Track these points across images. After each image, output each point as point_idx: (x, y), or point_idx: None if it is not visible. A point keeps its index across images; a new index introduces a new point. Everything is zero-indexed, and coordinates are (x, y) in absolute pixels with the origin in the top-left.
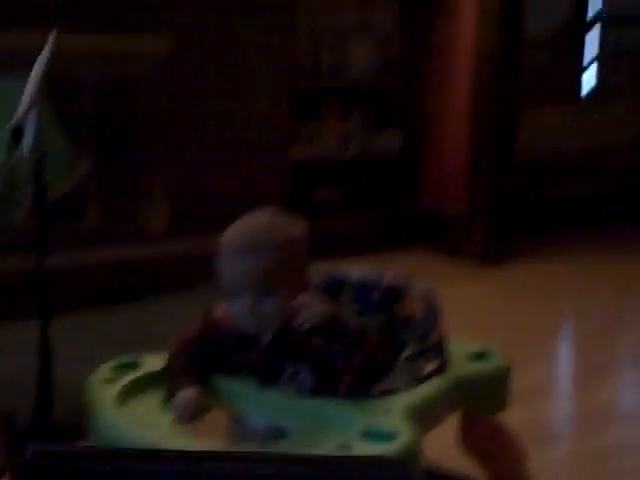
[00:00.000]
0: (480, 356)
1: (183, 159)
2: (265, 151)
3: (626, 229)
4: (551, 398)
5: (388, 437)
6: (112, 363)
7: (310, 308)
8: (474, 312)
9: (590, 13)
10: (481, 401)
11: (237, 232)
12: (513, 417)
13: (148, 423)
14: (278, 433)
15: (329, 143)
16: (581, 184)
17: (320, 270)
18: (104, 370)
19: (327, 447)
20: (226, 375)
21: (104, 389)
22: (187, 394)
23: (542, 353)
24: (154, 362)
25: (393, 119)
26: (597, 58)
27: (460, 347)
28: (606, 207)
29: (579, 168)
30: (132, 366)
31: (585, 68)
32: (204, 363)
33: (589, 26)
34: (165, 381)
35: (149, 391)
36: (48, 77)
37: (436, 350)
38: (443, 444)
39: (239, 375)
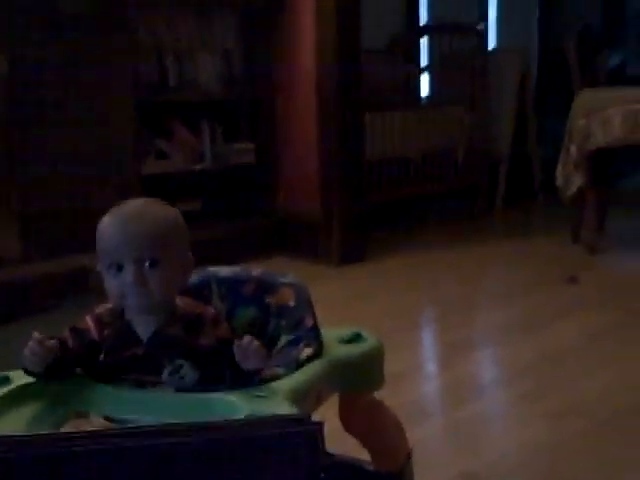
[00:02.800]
0: (353, 339)
1: (32, 178)
2: (116, 167)
3: (463, 223)
4: (418, 378)
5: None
6: None
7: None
8: (337, 308)
9: (421, 22)
10: (358, 380)
11: (121, 207)
12: (385, 399)
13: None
14: None
15: (181, 157)
16: (423, 184)
17: None
18: None
19: None
20: (100, 377)
21: None
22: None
23: (404, 339)
24: (25, 377)
25: (243, 131)
26: (429, 65)
27: (332, 333)
28: (444, 204)
29: (422, 169)
30: (1, 382)
31: (420, 74)
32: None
33: (420, 35)
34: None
35: (23, 405)
36: None
37: (311, 336)
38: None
39: (118, 374)
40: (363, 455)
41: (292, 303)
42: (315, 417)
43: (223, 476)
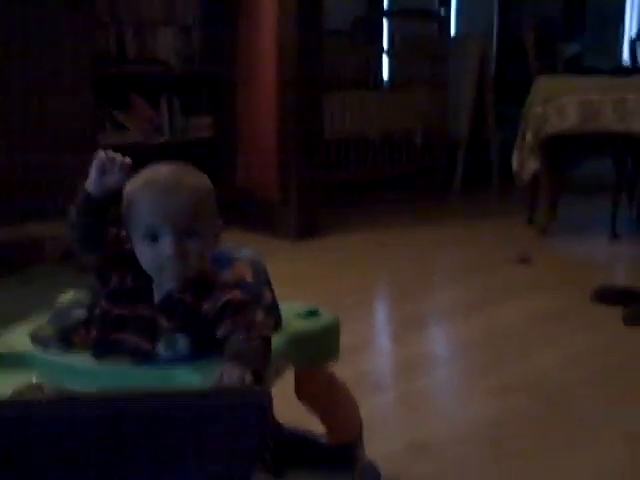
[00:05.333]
0: (310, 314)
1: None
2: (73, 138)
3: (420, 204)
4: (371, 352)
5: None
6: None
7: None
8: (293, 284)
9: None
10: (315, 354)
11: (153, 174)
12: (340, 371)
13: None
14: None
15: (140, 130)
16: (383, 164)
17: None
18: None
19: None
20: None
21: None
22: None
23: (359, 314)
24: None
25: (203, 106)
26: (390, 48)
27: (289, 308)
28: (403, 184)
29: (380, 149)
30: None
31: (382, 57)
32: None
33: (382, 18)
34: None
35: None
36: None
37: (270, 310)
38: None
39: (117, 329)
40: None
41: (249, 278)
42: (273, 390)
43: (171, 444)
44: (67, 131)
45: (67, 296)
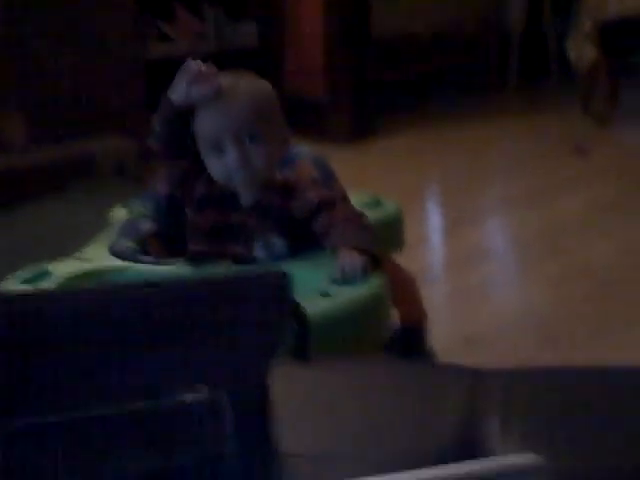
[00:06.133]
0: (375, 204)
1: (34, 66)
2: (118, 52)
3: (474, 99)
4: (426, 247)
5: (354, 280)
6: (22, 275)
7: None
8: (347, 184)
9: None
10: (384, 242)
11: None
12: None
13: None
14: None
15: (185, 40)
16: (433, 59)
17: None
18: (16, 282)
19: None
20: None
21: None
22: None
23: (414, 209)
24: (65, 267)
25: (246, 10)
26: None
27: (355, 198)
28: (456, 80)
29: (431, 44)
30: (44, 276)
31: None
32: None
33: None
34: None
35: None
36: None
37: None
38: None
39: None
40: None
41: (317, 175)
42: None
43: (194, 325)
44: (111, 44)
45: (120, 212)
